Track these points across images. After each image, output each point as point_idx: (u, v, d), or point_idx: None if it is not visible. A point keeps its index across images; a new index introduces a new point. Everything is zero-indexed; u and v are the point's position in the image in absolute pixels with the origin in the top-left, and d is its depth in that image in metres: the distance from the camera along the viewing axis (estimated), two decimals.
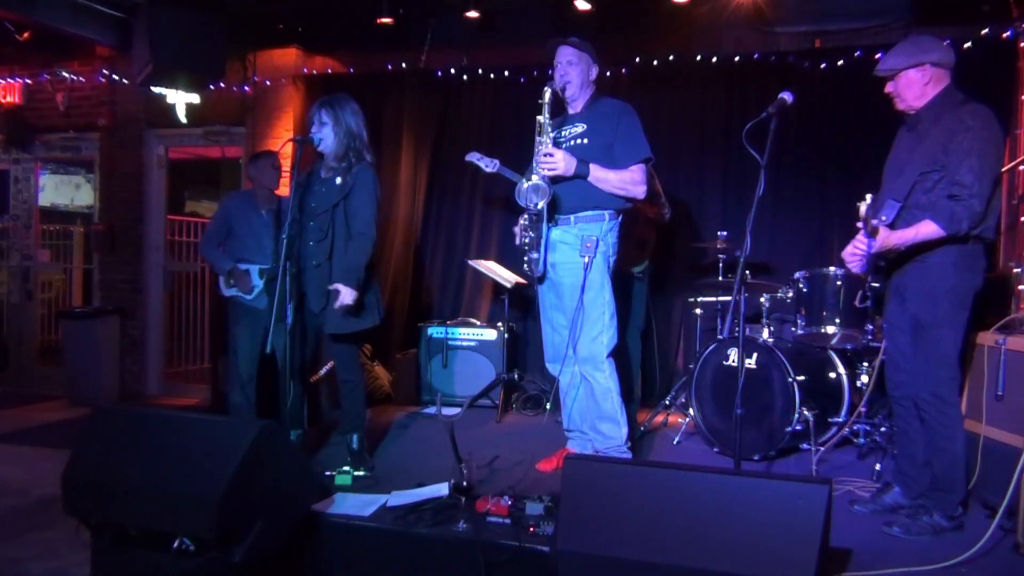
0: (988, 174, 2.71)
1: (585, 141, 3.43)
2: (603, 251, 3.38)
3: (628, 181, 3.36)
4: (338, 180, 3.49)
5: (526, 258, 3.46)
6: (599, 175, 3.33)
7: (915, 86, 2.86)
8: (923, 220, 2.71)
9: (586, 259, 3.30)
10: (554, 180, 3.34)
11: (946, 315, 2.82)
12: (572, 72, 3.45)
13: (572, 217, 3.40)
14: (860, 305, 3.21)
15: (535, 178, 3.34)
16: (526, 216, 3.39)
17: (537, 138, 3.39)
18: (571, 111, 3.55)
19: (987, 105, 2.85)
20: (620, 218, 3.48)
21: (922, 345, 2.88)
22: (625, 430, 3.43)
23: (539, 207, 3.32)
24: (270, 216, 4.30)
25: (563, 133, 3.51)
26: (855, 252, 2.99)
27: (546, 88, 3.39)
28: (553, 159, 3.28)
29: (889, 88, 2.93)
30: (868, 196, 2.68)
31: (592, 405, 3.44)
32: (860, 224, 2.74)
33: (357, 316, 3.48)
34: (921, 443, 2.97)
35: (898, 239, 2.75)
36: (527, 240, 3.41)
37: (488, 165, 4.31)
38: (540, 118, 3.37)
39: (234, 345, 4.38)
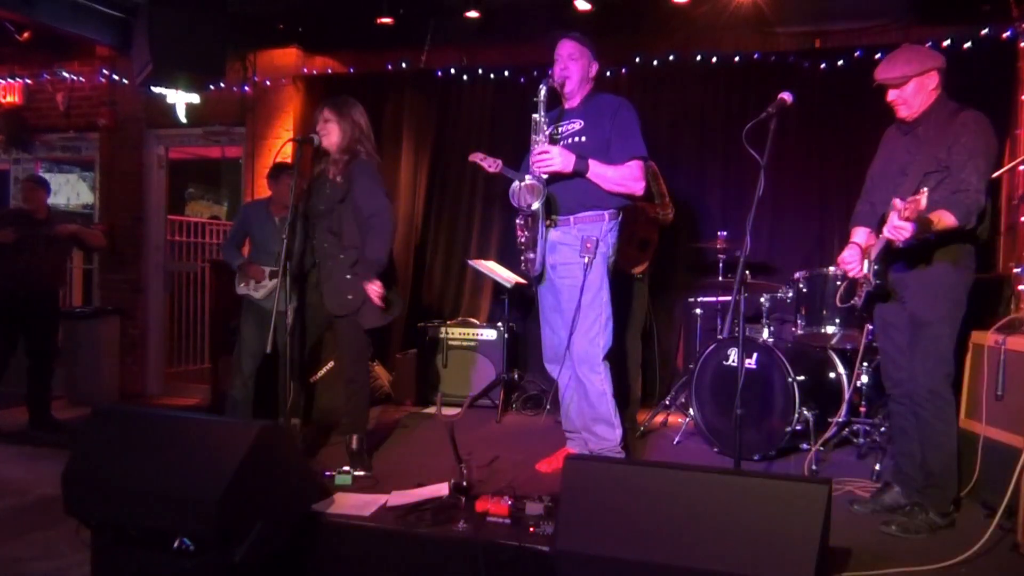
0: (988, 175, 2.75)
1: (583, 139, 3.38)
2: (603, 252, 3.33)
3: (627, 177, 3.31)
4: (339, 179, 3.51)
5: (523, 257, 3.41)
6: (598, 171, 3.28)
7: (922, 93, 2.88)
8: (939, 211, 2.69)
9: (586, 259, 3.25)
10: (552, 180, 3.28)
11: (947, 313, 2.86)
12: (573, 67, 3.40)
13: (571, 218, 3.36)
14: (842, 304, 3.23)
15: (528, 178, 3.28)
16: (522, 216, 3.34)
17: (533, 136, 3.33)
18: (568, 105, 3.50)
19: (987, 105, 2.88)
20: (620, 217, 3.43)
21: (920, 342, 2.90)
22: (619, 432, 3.40)
23: (533, 208, 3.26)
24: (283, 224, 4.33)
25: (560, 129, 3.45)
26: (853, 257, 3.03)
27: (541, 86, 3.32)
28: (549, 156, 3.22)
29: (893, 96, 2.92)
30: (925, 190, 2.60)
31: (586, 407, 3.41)
32: (900, 215, 2.67)
33: (382, 311, 3.51)
34: (917, 440, 2.99)
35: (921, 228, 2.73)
36: (523, 240, 3.37)
37: (491, 165, 4.31)
38: (536, 116, 3.31)
39: (240, 340, 4.40)
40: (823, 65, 4.85)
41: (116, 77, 6.26)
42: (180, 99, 5.52)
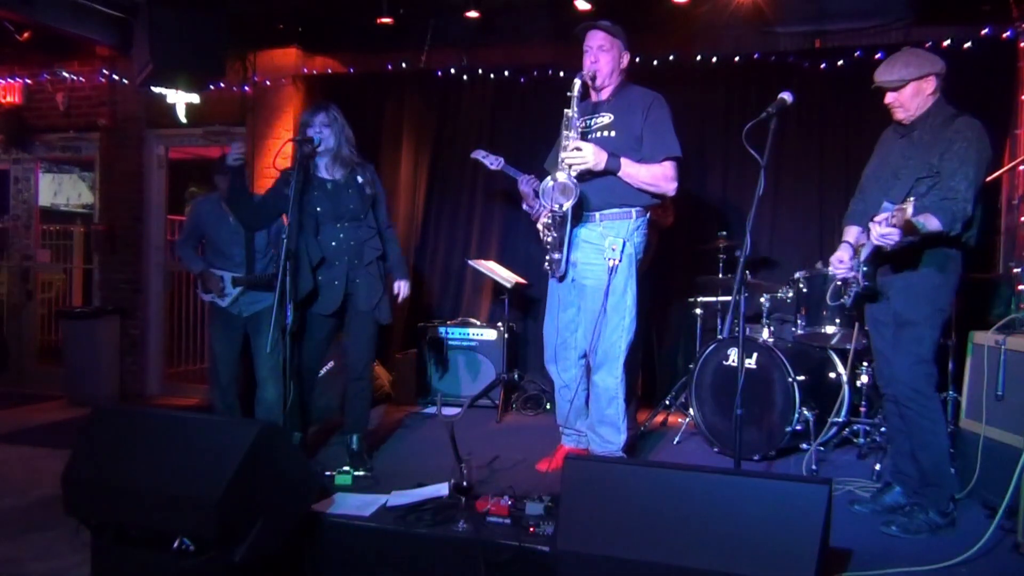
0: (978, 183, 2.77)
1: (612, 134, 3.30)
2: (629, 253, 3.27)
3: (660, 177, 3.24)
4: (360, 179, 3.55)
5: (548, 257, 3.35)
6: (630, 170, 3.20)
7: (919, 96, 2.90)
8: (926, 215, 2.70)
9: (611, 263, 3.19)
10: (580, 176, 3.20)
11: (928, 315, 2.88)
12: (603, 58, 3.31)
13: (598, 215, 3.29)
14: (832, 303, 3.24)
15: (562, 176, 3.17)
16: (549, 215, 3.26)
17: (563, 132, 3.24)
18: (598, 99, 3.41)
19: (987, 105, 2.88)
20: (648, 215, 3.37)
21: (901, 341, 2.92)
22: (624, 437, 3.37)
23: (564, 209, 3.18)
24: (238, 223, 4.20)
25: (590, 124, 3.37)
26: (842, 258, 3.05)
27: (575, 79, 3.22)
28: (582, 153, 3.14)
29: (891, 99, 2.93)
30: (912, 199, 2.64)
31: (595, 408, 3.39)
32: (887, 222, 2.68)
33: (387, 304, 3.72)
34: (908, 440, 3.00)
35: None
36: (549, 240, 3.30)
37: (493, 163, 4.31)
38: (568, 111, 3.22)
39: (212, 349, 4.35)
40: (823, 65, 4.85)
41: (116, 77, 6.25)
42: (180, 99, 5.52)
